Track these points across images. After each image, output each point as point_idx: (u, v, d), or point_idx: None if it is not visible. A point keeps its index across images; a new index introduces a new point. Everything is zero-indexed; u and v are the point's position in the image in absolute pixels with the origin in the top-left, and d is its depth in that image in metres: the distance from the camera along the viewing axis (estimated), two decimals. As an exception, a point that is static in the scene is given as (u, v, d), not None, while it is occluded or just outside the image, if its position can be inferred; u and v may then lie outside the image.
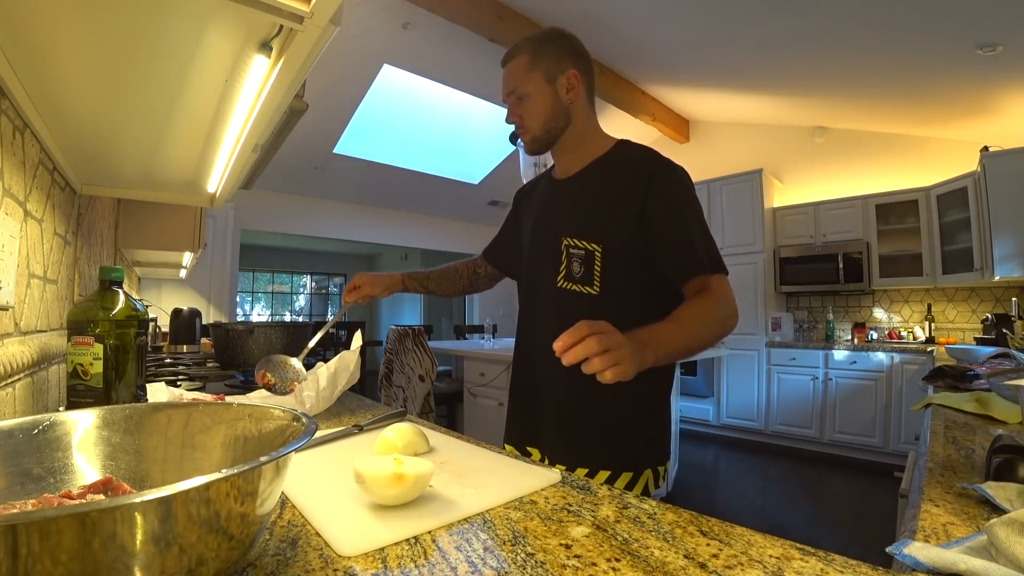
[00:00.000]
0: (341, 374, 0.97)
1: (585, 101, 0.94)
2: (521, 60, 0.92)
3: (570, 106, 0.92)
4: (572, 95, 0.92)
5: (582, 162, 0.95)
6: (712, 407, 4.38)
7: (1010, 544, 0.38)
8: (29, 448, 0.40)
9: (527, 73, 0.92)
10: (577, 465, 0.88)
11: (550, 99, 0.91)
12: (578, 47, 0.94)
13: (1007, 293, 3.43)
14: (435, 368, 3.11)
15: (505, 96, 0.96)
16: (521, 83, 0.92)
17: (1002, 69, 2.82)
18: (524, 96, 0.92)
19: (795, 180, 4.55)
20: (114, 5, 0.51)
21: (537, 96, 0.91)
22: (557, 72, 0.91)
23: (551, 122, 0.92)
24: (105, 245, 1.75)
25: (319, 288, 10.29)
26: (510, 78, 0.94)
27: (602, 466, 0.87)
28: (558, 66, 0.91)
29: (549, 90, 0.91)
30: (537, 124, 0.93)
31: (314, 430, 0.39)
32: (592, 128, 0.96)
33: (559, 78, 0.91)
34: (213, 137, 0.93)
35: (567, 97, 0.91)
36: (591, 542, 0.42)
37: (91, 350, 0.72)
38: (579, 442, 0.90)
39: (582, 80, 0.92)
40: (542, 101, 0.91)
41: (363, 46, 3.48)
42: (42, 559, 0.22)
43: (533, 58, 0.92)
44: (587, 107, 0.95)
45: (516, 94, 0.93)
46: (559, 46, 0.92)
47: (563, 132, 0.94)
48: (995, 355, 1.52)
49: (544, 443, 0.96)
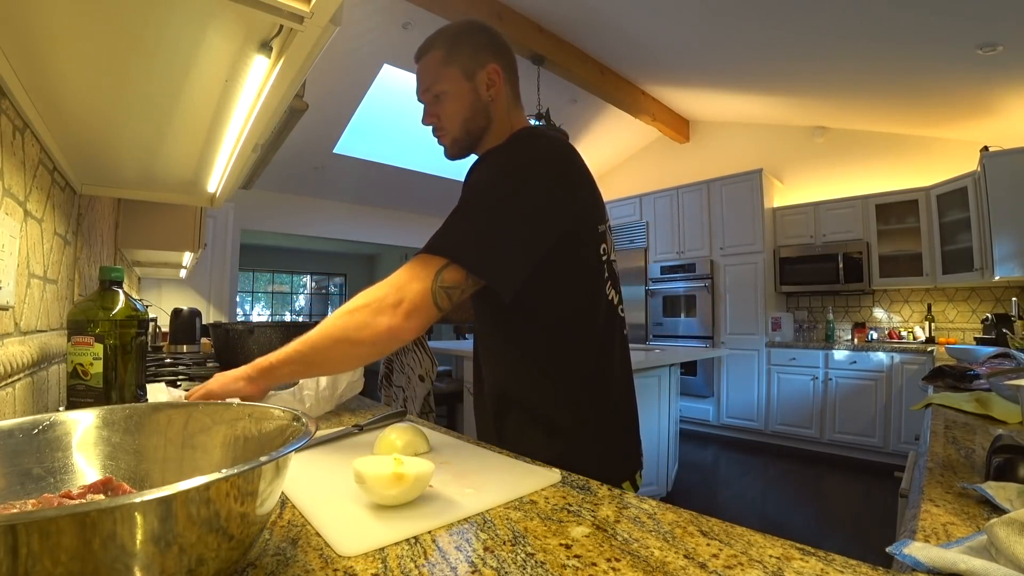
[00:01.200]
0: (342, 379, 0.97)
1: (508, 98, 0.87)
2: (436, 55, 0.84)
3: (491, 104, 0.85)
4: (493, 91, 0.84)
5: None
6: (712, 407, 4.38)
7: (1010, 544, 0.38)
8: (29, 448, 0.40)
9: (443, 69, 0.84)
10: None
11: (468, 97, 0.84)
12: (498, 39, 0.87)
13: (1007, 293, 3.43)
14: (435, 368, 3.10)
15: (420, 95, 0.88)
16: (436, 80, 0.84)
17: (1002, 69, 2.82)
18: (440, 94, 0.85)
19: (795, 180, 4.55)
20: (114, 5, 0.51)
21: (454, 94, 0.84)
22: (475, 67, 0.83)
23: (470, 122, 0.85)
24: (105, 245, 1.75)
25: (319, 288, 10.29)
26: (424, 75, 0.86)
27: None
28: (476, 60, 0.83)
29: (468, 87, 0.83)
30: (455, 124, 0.85)
31: (314, 430, 0.39)
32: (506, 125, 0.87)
33: (478, 73, 0.83)
34: (213, 137, 0.93)
35: (487, 94, 0.84)
36: (591, 542, 0.42)
37: (91, 350, 0.72)
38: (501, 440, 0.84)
39: (504, 75, 0.85)
40: (459, 99, 0.84)
41: (363, 46, 3.48)
42: (42, 559, 0.22)
43: (448, 53, 0.84)
44: (510, 104, 0.87)
45: (431, 92, 0.85)
46: (477, 39, 0.85)
47: (484, 132, 0.86)
48: (995, 355, 1.52)
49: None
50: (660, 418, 2.80)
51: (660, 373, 2.78)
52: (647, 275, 4.89)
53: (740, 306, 4.27)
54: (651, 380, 2.73)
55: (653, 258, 4.90)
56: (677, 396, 3.06)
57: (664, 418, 2.83)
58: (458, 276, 0.72)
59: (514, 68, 0.89)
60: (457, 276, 0.72)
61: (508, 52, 0.88)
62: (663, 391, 2.82)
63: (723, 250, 4.40)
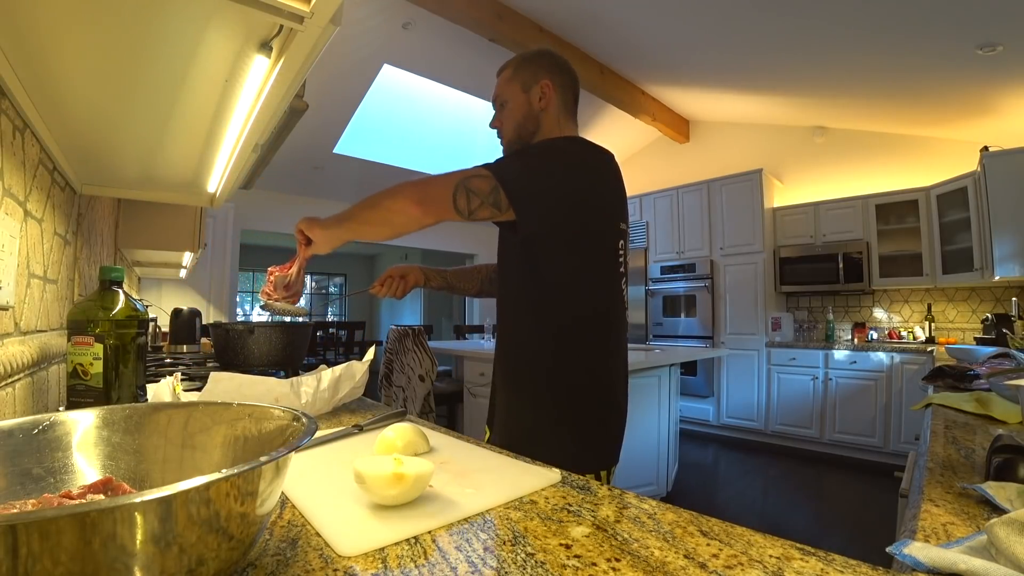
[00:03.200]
0: (344, 382, 0.97)
1: (559, 110, 1.02)
2: (507, 73, 1.05)
3: (541, 113, 1.01)
4: (544, 103, 1.01)
5: None
6: (712, 407, 4.38)
7: (1010, 544, 0.38)
8: (29, 448, 0.40)
9: (508, 84, 1.03)
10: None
11: (523, 107, 1.01)
12: (559, 63, 1.04)
13: (1007, 293, 3.43)
14: (435, 368, 3.10)
15: (493, 103, 1.08)
16: (503, 92, 1.04)
17: (1002, 69, 2.82)
18: (504, 103, 1.04)
19: (795, 180, 4.55)
20: (114, 5, 0.51)
21: (513, 103, 1.02)
22: (532, 83, 1.01)
23: (522, 127, 1.02)
24: (105, 245, 1.75)
25: (319, 288, 10.29)
26: (497, 88, 1.06)
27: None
28: (534, 78, 1.01)
29: (524, 99, 1.02)
30: (510, 127, 1.03)
31: (314, 430, 0.39)
32: (556, 131, 1.02)
33: (533, 88, 1.01)
34: (213, 137, 0.93)
35: (539, 105, 1.01)
36: (591, 542, 0.42)
37: (91, 350, 0.72)
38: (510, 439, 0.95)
39: (556, 91, 1.02)
40: (516, 107, 1.02)
41: (363, 46, 3.48)
42: (42, 559, 0.22)
43: (515, 71, 1.03)
44: (560, 115, 1.03)
45: (499, 101, 1.05)
46: (540, 61, 1.03)
47: (533, 136, 1.02)
48: (995, 355, 1.52)
49: (494, 430, 1.04)
50: (660, 418, 2.80)
51: (660, 373, 2.78)
52: (647, 275, 4.89)
53: (740, 306, 4.27)
54: (651, 380, 2.73)
55: (653, 258, 4.90)
56: (677, 396, 3.06)
57: (664, 418, 2.83)
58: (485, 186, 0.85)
59: (570, 87, 1.05)
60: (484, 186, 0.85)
61: (566, 73, 1.05)
62: (663, 391, 2.82)
63: (723, 250, 4.40)
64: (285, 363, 1.28)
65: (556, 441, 0.91)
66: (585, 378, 0.93)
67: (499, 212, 0.87)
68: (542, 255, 0.92)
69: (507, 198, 0.85)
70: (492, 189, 0.85)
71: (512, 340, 1.00)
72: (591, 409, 0.93)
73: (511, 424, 0.97)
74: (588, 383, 0.93)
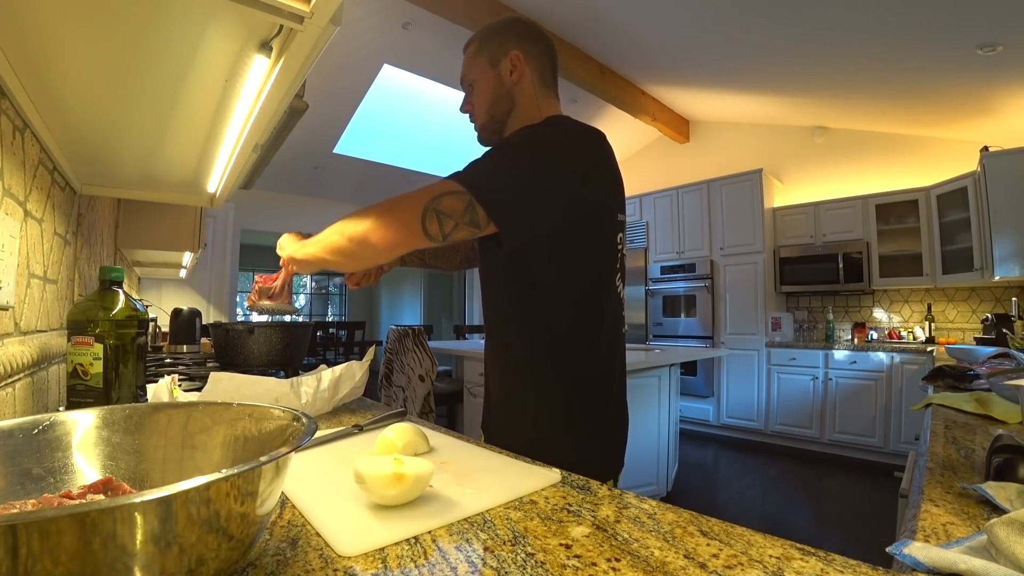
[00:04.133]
0: (344, 382, 0.96)
1: (535, 83, 0.89)
2: (471, 48, 0.92)
3: (514, 88, 0.88)
4: (516, 76, 0.88)
5: None
6: (712, 407, 4.38)
7: (1010, 544, 0.38)
8: (29, 448, 0.40)
9: (474, 60, 0.91)
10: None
11: (493, 83, 0.89)
12: (530, 30, 0.91)
13: (1007, 293, 3.43)
14: (435, 368, 3.10)
15: (461, 85, 0.95)
16: (469, 70, 0.91)
17: (1002, 69, 2.82)
18: (473, 83, 0.91)
19: (795, 180, 4.55)
20: (114, 5, 0.51)
21: (482, 81, 0.90)
22: (500, 55, 0.88)
23: (494, 107, 0.90)
24: (105, 245, 1.75)
25: (319, 288, 10.29)
26: (464, 67, 0.93)
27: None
28: (501, 49, 0.89)
29: (493, 74, 0.89)
30: (482, 109, 0.91)
31: (314, 430, 0.39)
32: (538, 110, 0.89)
33: (503, 61, 0.88)
34: (213, 137, 0.93)
35: (510, 79, 0.88)
36: (591, 542, 0.42)
37: (91, 350, 0.72)
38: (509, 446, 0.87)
39: (529, 61, 0.89)
40: (486, 85, 0.90)
41: (363, 46, 3.48)
42: (42, 559, 0.22)
43: (480, 45, 0.91)
44: (537, 89, 0.90)
45: (467, 82, 0.93)
46: (507, 30, 0.90)
47: (508, 115, 0.89)
48: (995, 355, 1.52)
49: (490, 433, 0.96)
50: (660, 418, 2.80)
51: (660, 373, 2.78)
52: (647, 275, 4.89)
53: (740, 306, 4.27)
54: (651, 380, 2.73)
55: (653, 258, 4.90)
56: (677, 396, 3.06)
57: (664, 418, 2.83)
58: (458, 205, 0.72)
59: (545, 55, 0.91)
60: (457, 205, 0.72)
61: (538, 40, 0.91)
62: (663, 391, 2.82)
63: (723, 250, 4.40)
64: (285, 363, 1.28)
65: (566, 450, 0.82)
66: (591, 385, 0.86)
67: (479, 230, 0.74)
68: (535, 265, 0.81)
69: (486, 214, 0.72)
70: (467, 206, 0.72)
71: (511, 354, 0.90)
72: (598, 415, 0.86)
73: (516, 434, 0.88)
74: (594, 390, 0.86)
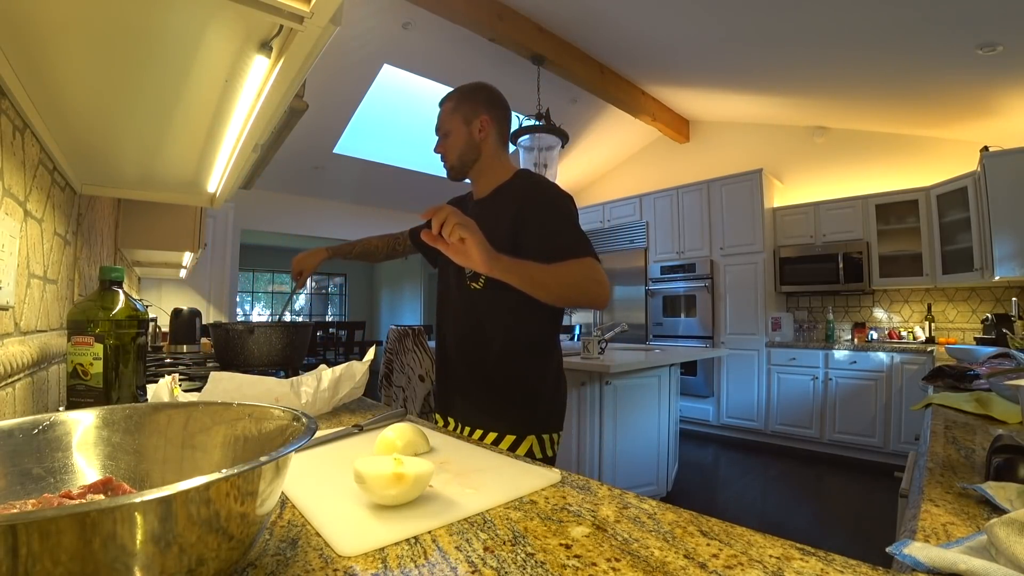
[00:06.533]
0: (344, 382, 0.97)
1: (495, 140, 1.18)
2: (448, 105, 1.18)
3: (481, 143, 1.16)
4: (482, 135, 1.16)
5: (489, 187, 1.19)
6: (712, 407, 4.38)
7: (1010, 544, 0.38)
8: (29, 448, 0.40)
9: (451, 116, 1.16)
10: (475, 427, 1.11)
11: (465, 137, 1.15)
12: (495, 98, 1.19)
13: (1007, 293, 3.43)
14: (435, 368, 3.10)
15: (436, 131, 1.20)
16: (445, 122, 1.17)
17: (1002, 69, 2.82)
18: (448, 133, 1.17)
19: (795, 180, 4.55)
20: (114, 5, 0.51)
21: (456, 133, 1.16)
22: (472, 116, 1.15)
23: (464, 155, 1.17)
24: (105, 245, 1.75)
25: (319, 288, 10.29)
26: (440, 119, 1.18)
27: (491, 428, 1.09)
28: (473, 112, 1.16)
29: (465, 130, 1.15)
30: (454, 155, 1.17)
31: (314, 430, 0.39)
32: (499, 161, 1.19)
33: (474, 121, 1.15)
34: (213, 137, 0.93)
35: (479, 136, 1.16)
36: (591, 542, 0.42)
37: (91, 350, 0.72)
38: (476, 406, 1.13)
39: (493, 124, 1.17)
40: (459, 137, 1.16)
41: (363, 46, 3.48)
42: (42, 559, 0.22)
43: (457, 104, 1.17)
44: (496, 145, 1.19)
45: (442, 131, 1.18)
46: (479, 96, 1.17)
47: (474, 163, 1.18)
48: (995, 355, 1.52)
49: (454, 411, 1.18)
50: (660, 418, 2.80)
51: (660, 373, 2.78)
52: (647, 275, 4.89)
53: (740, 306, 4.27)
54: (651, 380, 2.73)
55: (653, 258, 4.90)
56: (677, 396, 3.06)
57: (664, 418, 2.83)
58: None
59: (504, 118, 1.20)
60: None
61: (501, 107, 1.20)
62: (663, 391, 2.82)
63: (723, 250, 4.40)
64: (285, 363, 1.28)
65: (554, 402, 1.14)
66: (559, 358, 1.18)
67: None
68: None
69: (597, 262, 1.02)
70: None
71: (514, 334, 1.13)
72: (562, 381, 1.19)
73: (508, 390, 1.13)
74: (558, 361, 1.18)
